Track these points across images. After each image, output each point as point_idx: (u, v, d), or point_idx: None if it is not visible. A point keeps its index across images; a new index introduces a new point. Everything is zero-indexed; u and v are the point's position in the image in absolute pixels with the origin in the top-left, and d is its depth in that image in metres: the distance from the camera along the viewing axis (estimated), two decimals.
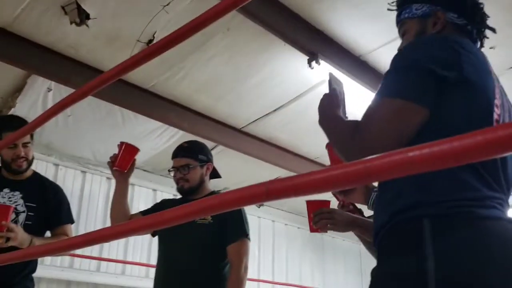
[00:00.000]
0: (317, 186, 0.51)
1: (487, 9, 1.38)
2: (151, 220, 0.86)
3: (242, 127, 4.60)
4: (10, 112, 3.82)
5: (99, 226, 4.71)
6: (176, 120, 4.19)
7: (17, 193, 2.35)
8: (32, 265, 2.33)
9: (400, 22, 1.38)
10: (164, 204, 2.52)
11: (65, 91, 3.75)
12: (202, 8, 3.42)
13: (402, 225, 1.06)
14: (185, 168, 2.40)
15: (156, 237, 2.44)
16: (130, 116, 4.10)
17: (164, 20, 3.17)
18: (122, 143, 2.20)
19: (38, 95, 3.71)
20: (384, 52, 3.48)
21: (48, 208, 2.41)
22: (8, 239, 2.08)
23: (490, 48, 3.85)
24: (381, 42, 3.44)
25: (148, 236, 2.70)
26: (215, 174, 2.51)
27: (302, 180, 0.51)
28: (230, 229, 2.26)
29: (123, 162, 2.17)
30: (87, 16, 3.02)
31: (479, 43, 1.36)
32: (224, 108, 4.22)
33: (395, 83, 1.13)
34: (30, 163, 2.41)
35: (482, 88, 1.13)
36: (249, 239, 2.28)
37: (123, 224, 0.92)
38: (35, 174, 2.49)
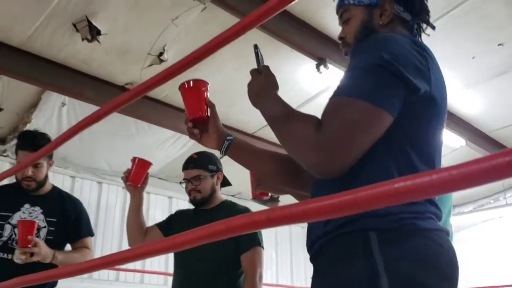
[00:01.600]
0: (312, 214, 0.55)
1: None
2: (164, 244, 0.91)
3: (254, 132, 4.65)
4: (26, 128, 3.92)
5: (116, 236, 4.80)
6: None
7: (37, 208, 2.38)
8: (52, 282, 2.38)
9: (342, 6, 1.29)
10: (178, 216, 2.56)
11: (79, 105, 3.85)
12: (209, 20, 3.48)
13: (346, 237, 1.03)
14: (196, 179, 2.42)
15: None
16: (144, 127, 4.17)
17: (174, 33, 3.24)
18: (134, 158, 2.24)
19: (53, 110, 3.80)
20: None
21: (68, 222, 2.45)
22: (32, 254, 2.13)
23: (499, 45, 3.86)
24: None
25: None
26: (225, 182, 2.54)
27: (299, 208, 0.55)
28: (243, 239, 2.29)
29: (136, 177, 2.21)
30: (98, 32, 3.10)
31: (418, 38, 1.30)
32: (236, 114, 4.27)
33: (366, 83, 1.04)
34: (39, 182, 2.41)
35: (441, 105, 1.12)
36: (262, 247, 2.31)
37: (139, 247, 0.97)
38: (54, 188, 2.53)
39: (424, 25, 1.30)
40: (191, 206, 2.56)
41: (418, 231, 1.01)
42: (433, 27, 1.31)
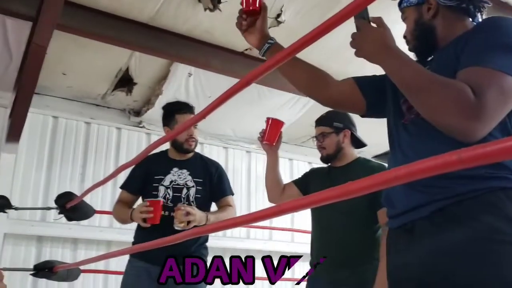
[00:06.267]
0: (508, 152, 0.52)
1: None
2: (308, 200, 0.95)
3: None
4: (158, 100, 4.18)
5: (244, 198, 5.03)
6: None
7: (184, 170, 2.62)
8: (205, 236, 2.61)
9: (400, 10, 1.46)
10: (313, 174, 2.61)
11: (203, 74, 4.00)
12: None
13: (480, 197, 1.12)
14: (321, 136, 2.47)
15: None
16: (264, 92, 4.25)
17: None
18: (268, 118, 2.34)
19: (181, 80, 4.00)
20: None
21: (212, 182, 2.66)
22: (189, 222, 2.36)
23: None
24: None
25: None
26: (360, 143, 2.51)
27: (494, 147, 0.52)
28: (378, 195, 2.27)
29: (271, 136, 2.32)
30: (219, 1, 3.17)
31: (479, 16, 1.37)
32: (354, 71, 4.15)
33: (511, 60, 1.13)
34: (197, 143, 2.69)
35: None
36: None
37: (282, 204, 1.02)
38: (196, 153, 2.75)
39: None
40: (321, 164, 2.59)
41: None
42: (489, 3, 1.37)
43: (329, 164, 2.51)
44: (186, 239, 1.55)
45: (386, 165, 2.40)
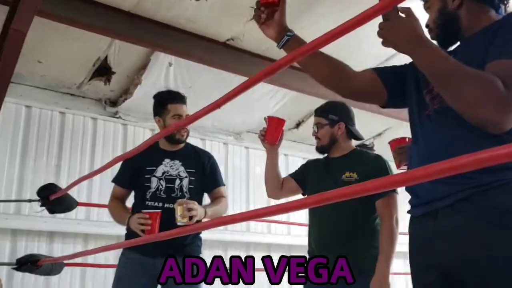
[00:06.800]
0: None
1: None
2: (313, 199, 0.96)
3: None
4: (137, 89, 4.10)
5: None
6: (288, 82, 4.24)
7: (176, 161, 2.57)
8: None
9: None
10: (310, 165, 2.62)
11: (185, 64, 3.95)
12: None
13: (506, 184, 1.15)
14: (316, 126, 2.48)
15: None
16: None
17: None
18: (269, 117, 2.29)
19: (161, 70, 3.94)
20: None
21: (205, 172, 2.63)
22: (191, 218, 2.30)
23: None
24: None
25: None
26: (357, 136, 2.52)
27: None
28: None
29: (273, 136, 2.27)
30: None
31: (503, 9, 1.38)
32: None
33: None
34: (188, 133, 2.64)
35: None
36: (397, 193, 2.31)
37: (286, 203, 1.03)
38: (187, 143, 2.70)
39: None
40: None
41: None
42: None
43: (326, 155, 2.52)
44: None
45: (382, 156, 2.46)
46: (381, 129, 5.76)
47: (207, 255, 4.57)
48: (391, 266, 2.22)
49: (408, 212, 1.41)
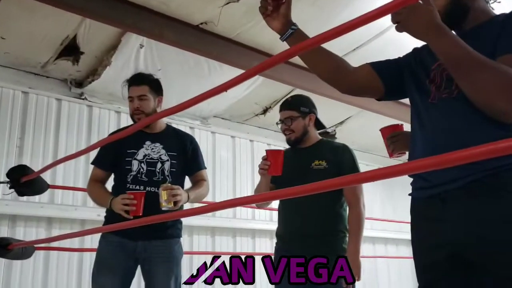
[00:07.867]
0: None
1: None
2: (296, 190, 1.00)
3: None
4: (105, 71, 4.01)
5: None
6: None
7: (157, 144, 2.55)
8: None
9: None
10: None
11: (156, 46, 3.89)
12: None
13: None
14: (288, 120, 2.56)
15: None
16: (215, 66, 4.21)
17: None
18: (268, 151, 2.32)
19: (131, 52, 3.86)
20: None
21: (187, 155, 2.62)
22: (175, 203, 2.32)
23: None
24: None
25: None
26: (320, 125, 2.66)
27: None
28: (346, 171, 2.40)
29: (277, 168, 2.27)
30: None
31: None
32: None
33: None
34: (147, 115, 2.53)
35: None
36: None
37: (263, 194, 1.06)
38: (168, 126, 2.68)
39: None
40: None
41: None
42: None
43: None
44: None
45: (349, 145, 2.58)
46: (343, 117, 5.89)
47: (195, 240, 4.83)
48: (360, 247, 2.39)
49: (410, 194, 1.46)
